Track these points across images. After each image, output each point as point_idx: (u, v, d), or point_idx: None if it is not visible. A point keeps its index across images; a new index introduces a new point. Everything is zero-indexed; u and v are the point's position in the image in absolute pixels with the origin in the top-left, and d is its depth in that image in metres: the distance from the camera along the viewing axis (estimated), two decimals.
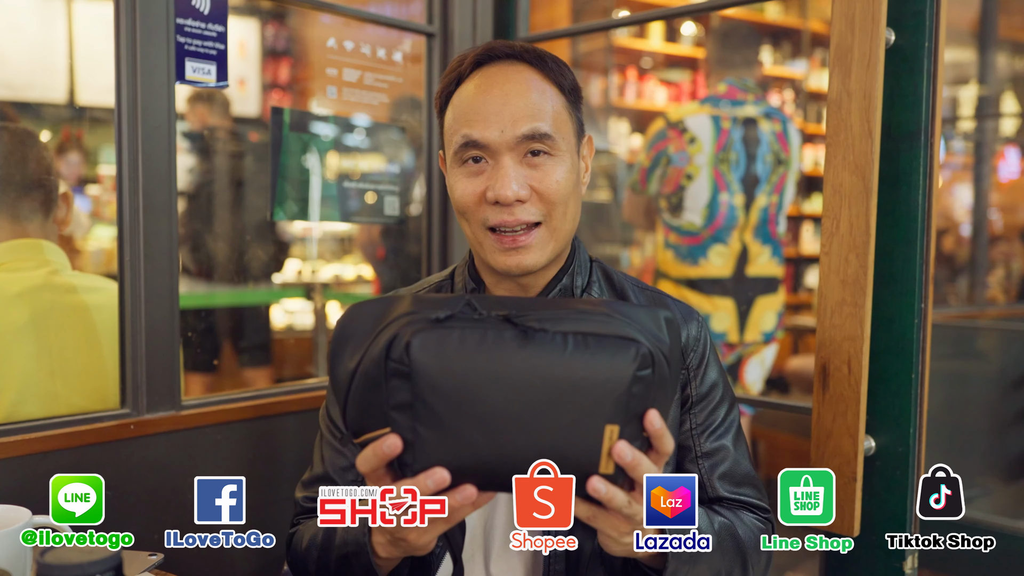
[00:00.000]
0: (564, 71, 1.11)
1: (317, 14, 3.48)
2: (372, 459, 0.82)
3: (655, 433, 0.83)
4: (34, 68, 3.21)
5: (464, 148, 1.07)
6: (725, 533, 1.06)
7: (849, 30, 1.34)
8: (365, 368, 0.82)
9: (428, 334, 0.80)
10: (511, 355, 0.79)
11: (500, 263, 1.08)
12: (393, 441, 0.80)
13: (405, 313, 0.83)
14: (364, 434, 0.84)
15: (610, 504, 0.83)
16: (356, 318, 0.86)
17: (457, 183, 1.09)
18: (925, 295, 1.36)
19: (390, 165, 1.94)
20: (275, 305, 3.82)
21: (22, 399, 1.50)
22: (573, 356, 0.79)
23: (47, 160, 1.63)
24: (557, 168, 1.07)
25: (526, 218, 1.06)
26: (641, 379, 0.81)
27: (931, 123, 1.34)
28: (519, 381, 0.79)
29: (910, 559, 1.36)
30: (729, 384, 1.19)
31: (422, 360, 0.79)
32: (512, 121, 1.05)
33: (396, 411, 0.80)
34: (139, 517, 1.50)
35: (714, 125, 2.76)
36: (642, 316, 0.85)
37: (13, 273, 1.54)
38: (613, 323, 0.82)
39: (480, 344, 0.80)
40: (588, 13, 4.53)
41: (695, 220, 2.77)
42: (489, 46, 1.11)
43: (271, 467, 1.71)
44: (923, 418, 1.38)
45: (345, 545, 1.00)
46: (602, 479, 0.81)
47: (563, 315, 0.82)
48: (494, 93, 1.06)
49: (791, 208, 3.46)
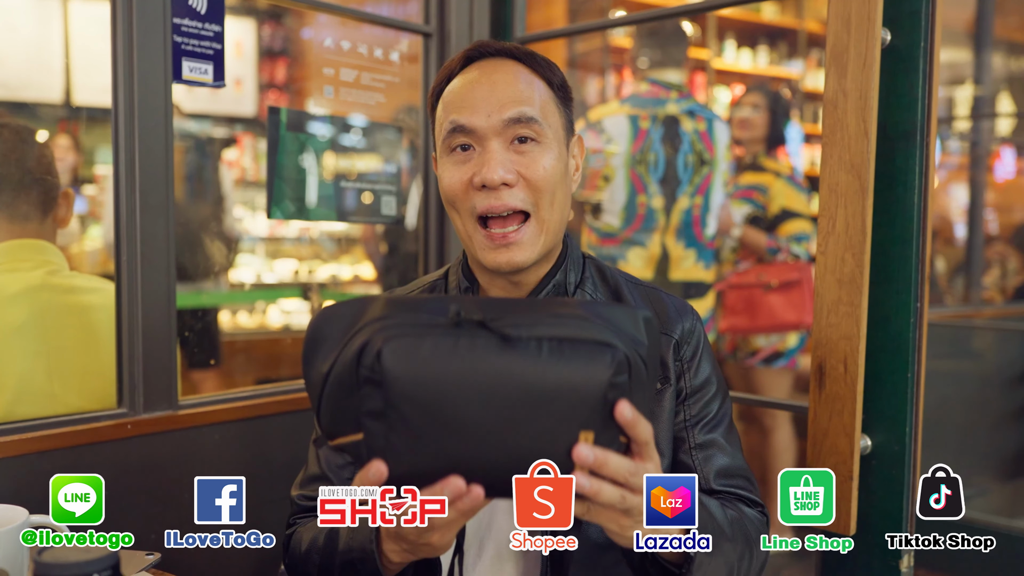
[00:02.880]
0: (553, 69, 1.13)
1: (314, 14, 3.48)
2: (365, 484, 0.81)
3: (627, 423, 0.81)
4: (30, 68, 3.20)
5: (452, 135, 1.08)
6: (737, 524, 1.07)
7: (845, 30, 1.34)
8: (337, 373, 0.81)
9: (399, 341, 0.79)
10: (485, 362, 0.78)
11: (490, 260, 1.08)
12: (378, 467, 0.79)
13: (377, 318, 0.82)
14: (338, 438, 0.84)
15: (597, 499, 0.82)
16: (329, 320, 0.85)
17: (445, 172, 1.10)
18: (921, 294, 1.36)
19: (387, 165, 1.94)
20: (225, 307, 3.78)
21: (19, 399, 1.49)
22: (548, 362, 0.78)
23: (47, 159, 1.62)
24: (544, 155, 1.07)
25: (513, 203, 1.06)
26: (617, 385, 0.80)
27: (927, 123, 1.35)
28: (493, 388, 0.78)
29: (906, 558, 1.37)
30: (722, 378, 1.20)
31: (394, 368, 0.78)
32: (499, 106, 1.06)
33: (369, 418, 0.79)
34: (136, 516, 1.49)
35: (631, 125, 2.71)
36: (620, 317, 0.84)
37: (11, 273, 1.53)
38: (589, 327, 0.81)
39: (453, 351, 0.78)
40: (584, 13, 4.53)
41: (613, 222, 2.73)
42: (479, 43, 1.13)
43: (268, 466, 1.71)
44: (919, 417, 1.38)
45: (350, 552, 0.99)
46: (589, 445, 0.80)
47: (538, 319, 0.81)
48: (482, 82, 1.08)
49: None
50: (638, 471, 0.84)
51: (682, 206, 2.73)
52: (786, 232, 3.02)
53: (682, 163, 2.72)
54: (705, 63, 4.82)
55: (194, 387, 3.09)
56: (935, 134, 1.36)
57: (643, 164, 2.69)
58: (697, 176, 2.74)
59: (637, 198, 2.69)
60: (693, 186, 2.73)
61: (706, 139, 2.76)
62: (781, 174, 3.13)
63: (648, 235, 2.72)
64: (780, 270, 3.02)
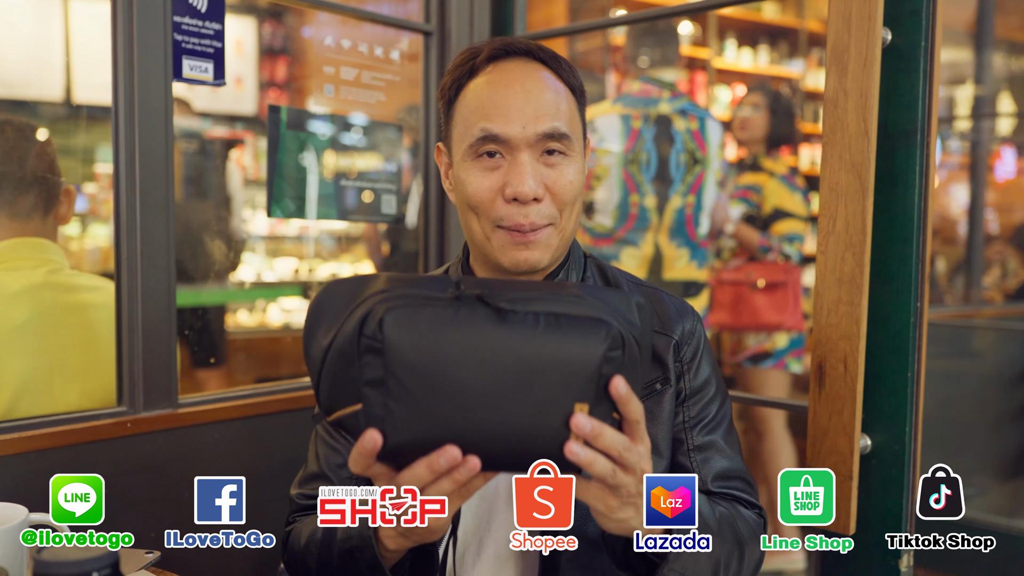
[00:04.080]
0: (575, 73, 1.12)
1: (314, 12, 3.48)
2: (359, 458, 0.82)
3: (620, 399, 0.82)
4: (30, 66, 3.20)
5: (482, 142, 1.06)
6: (725, 523, 1.07)
7: (846, 29, 1.34)
8: (339, 344, 0.82)
9: (401, 311, 0.80)
10: (483, 333, 0.80)
11: (509, 258, 1.07)
12: (372, 435, 0.80)
13: (380, 291, 0.83)
14: (336, 411, 0.84)
15: (590, 469, 0.82)
16: (331, 295, 0.86)
17: (471, 177, 1.08)
18: (921, 293, 1.36)
19: (387, 163, 1.94)
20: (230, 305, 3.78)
21: (20, 397, 1.49)
22: (544, 335, 0.80)
23: (49, 156, 1.62)
24: (570, 168, 1.08)
25: (540, 221, 1.06)
26: (611, 359, 0.81)
27: (927, 122, 1.34)
28: (490, 358, 0.79)
29: (906, 557, 1.37)
30: (722, 379, 1.20)
31: (394, 336, 0.79)
32: (534, 118, 1.05)
33: (368, 387, 0.81)
34: (136, 515, 1.50)
35: (624, 125, 2.70)
36: (614, 299, 0.86)
37: (12, 272, 1.53)
38: (585, 304, 0.83)
39: (452, 321, 0.80)
40: (585, 12, 4.53)
41: (606, 222, 2.73)
42: (505, 41, 1.11)
43: (268, 465, 1.71)
44: (919, 416, 1.38)
45: (348, 540, 1.00)
46: (586, 415, 0.80)
47: (536, 295, 0.83)
48: (515, 88, 1.06)
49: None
50: (631, 448, 0.84)
51: (675, 205, 2.73)
52: (778, 232, 3.02)
53: (675, 162, 2.72)
54: (706, 62, 4.82)
55: (198, 386, 3.09)
56: (935, 133, 1.36)
57: (635, 164, 2.69)
58: (690, 175, 2.74)
59: (630, 198, 2.69)
60: (686, 185, 2.73)
61: (698, 138, 2.75)
62: (775, 174, 3.13)
63: (641, 235, 2.72)
64: (768, 270, 3.02)
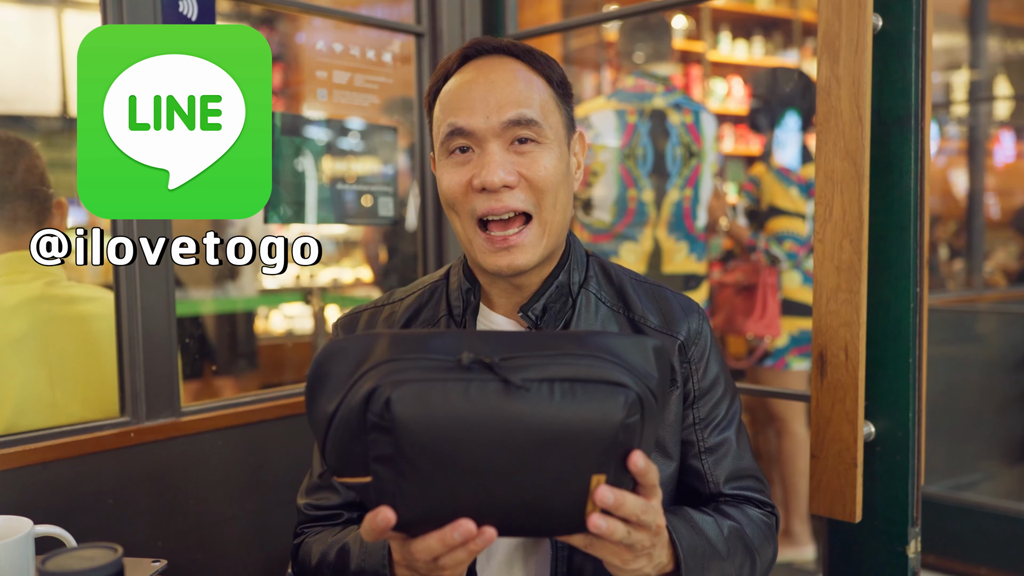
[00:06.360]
0: (552, 65, 1.10)
1: (306, 18, 3.47)
2: (373, 532, 0.81)
3: (639, 472, 0.82)
4: (26, 81, 3.21)
5: (450, 137, 1.05)
6: (735, 537, 1.06)
7: (836, 16, 1.34)
8: (344, 416, 0.80)
9: (409, 388, 0.78)
10: (496, 408, 0.77)
11: (490, 264, 1.06)
12: (385, 515, 0.79)
13: (384, 360, 0.81)
14: (346, 476, 0.83)
15: (611, 538, 0.83)
16: (332, 358, 0.83)
17: (444, 174, 1.08)
18: (920, 279, 1.36)
19: (384, 167, 1.94)
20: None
21: (22, 410, 1.50)
22: (560, 405, 0.78)
23: (39, 169, 1.62)
24: (545, 155, 1.05)
25: (514, 205, 1.04)
26: (629, 426, 0.79)
27: (921, 108, 1.34)
28: (504, 434, 0.77)
29: (913, 543, 1.37)
30: (730, 377, 1.18)
31: (403, 416, 0.77)
32: (497, 107, 1.04)
33: (378, 463, 0.79)
34: (141, 524, 1.50)
35: (619, 120, 2.70)
36: (631, 352, 0.84)
37: (10, 285, 1.54)
38: (601, 365, 0.81)
39: (464, 397, 0.77)
40: (578, 9, 4.53)
41: (604, 217, 2.72)
42: (476, 41, 1.11)
43: (273, 471, 1.71)
44: (922, 402, 1.38)
45: (362, 573, 1.00)
46: (607, 486, 0.80)
47: (549, 359, 0.81)
48: (480, 82, 1.06)
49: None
50: (648, 509, 0.85)
51: (672, 199, 2.73)
52: (771, 230, 3.00)
53: (671, 156, 2.72)
54: (700, 56, 4.82)
55: (215, 392, 3.10)
56: (929, 119, 1.36)
57: (632, 158, 2.69)
58: (686, 168, 2.73)
59: (627, 192, 2.69)
60: (683, 178, 2.73)
61: (693, 131, 2.75)
62: (771, 167, 3.13)
63: (640, 229, 2.71)
64: (745, 271, 3.01)
